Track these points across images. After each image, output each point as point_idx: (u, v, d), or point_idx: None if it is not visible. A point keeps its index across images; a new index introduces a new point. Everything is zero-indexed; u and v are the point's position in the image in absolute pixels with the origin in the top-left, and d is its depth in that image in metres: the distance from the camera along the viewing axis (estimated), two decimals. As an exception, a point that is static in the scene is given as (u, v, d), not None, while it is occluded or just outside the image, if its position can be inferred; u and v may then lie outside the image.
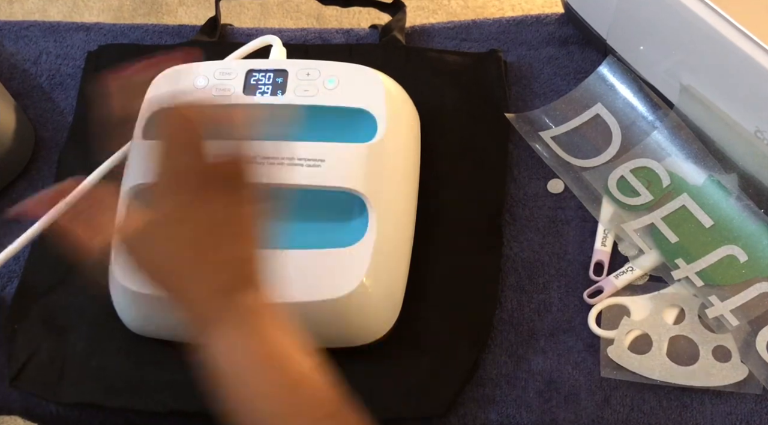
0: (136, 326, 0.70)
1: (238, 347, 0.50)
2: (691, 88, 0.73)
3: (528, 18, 0.86)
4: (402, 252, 0.70)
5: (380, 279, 0.66)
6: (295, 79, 0.71)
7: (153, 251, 0.53)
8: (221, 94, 0.72)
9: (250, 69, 0.73)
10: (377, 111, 0.70)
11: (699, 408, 0.67)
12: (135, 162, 0.71)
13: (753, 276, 0.70)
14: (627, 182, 0.76)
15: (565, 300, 0.72)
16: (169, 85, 0.73)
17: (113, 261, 0.67)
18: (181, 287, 0.52)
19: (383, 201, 0.67)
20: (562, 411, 0.68)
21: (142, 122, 0.71)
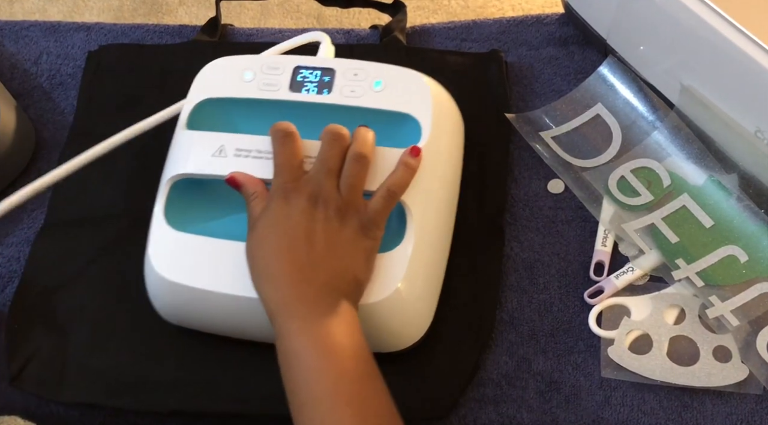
0: (171, 316, 0.70)
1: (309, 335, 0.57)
2: (692, 89, 0.73)
3: (528, 18, 0.86)
4: (439, 259, 0.69)
5: (416, 286, 0.65)
6: (342, 79, 0.71)
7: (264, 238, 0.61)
8: (267, 89, 0.71)
9: (297, 65, 0.72)
10: (422, 117, 0.69)
11: (699, 408, 0.68)
12: (177, 152, 0.71)
13: (753, 276, 0.70)
14: (627, 182, 0.76)
15: (565, 300, 0.72)
16: (217, 75, 0.73)
17: (150, 249, 0.68)
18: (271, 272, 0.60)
19: (423, 208, 0.66)
20: (562, 411, 0.68)
21: (187, 112, 0.72)
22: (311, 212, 0.61)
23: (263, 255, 0.61)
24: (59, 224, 0.78)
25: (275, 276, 0.60)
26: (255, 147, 0.67)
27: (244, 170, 0.66)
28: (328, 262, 0.60)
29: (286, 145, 0.65)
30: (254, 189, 0.64)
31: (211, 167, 0.68)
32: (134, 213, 0.78)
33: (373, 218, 0.63)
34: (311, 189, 0.62)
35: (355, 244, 0.62)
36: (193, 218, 0.69)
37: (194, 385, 0.69)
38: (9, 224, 0.80)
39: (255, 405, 0.68)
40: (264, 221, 0.62)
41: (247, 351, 0.70)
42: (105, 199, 0.79)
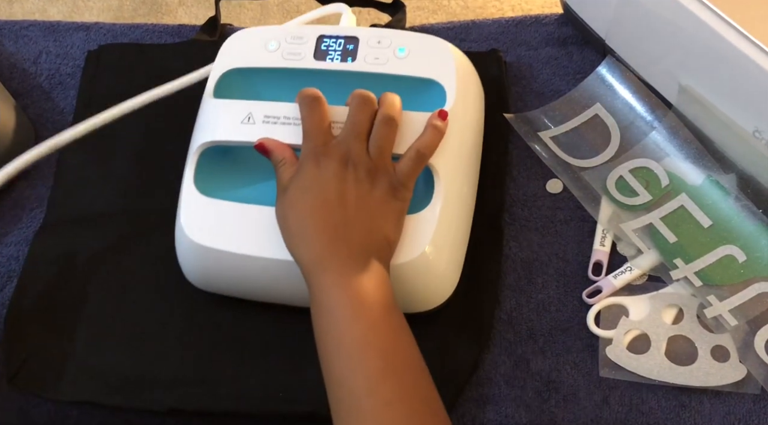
0: (200, 281, 0.71)
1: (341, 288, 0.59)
2: (690, 89, 0.73)
3: (527, 18, 0.87)
4: (464, 222, 0.71)
5: (443, 247, 0.67)
6: (365, 47, 0.72)
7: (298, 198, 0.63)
8: (292, 58, 0.72)
9: (321, 35, 0.73)
10: (446, 82, 0.70)
11: (697, 407, 0.68)
12: (205, 120, 0.72)
13: (751, 276, 0.70)
14: (626, 182, 0.76)
15: (563, 300, 0.73)
16: (241, 45, 0.74)
17: (181, 214, 0.69)
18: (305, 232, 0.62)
19: (449, 170, 0.67)
20: (560, 410, 0.68)
21: (213, 80, 0.73)
22: (342, 174, 0.63)
23: (296, 217, 0.62)
24: (58, 223, 0.78)
25: (309, 236, 0.61)
26: (283, 114, 0.68)
27: (273, 137, 0.67)
28: (360, 222, 0.62)
29: (315, 110, 0.66)
30: (283, 155, 0.66)
31: (240, 134, 0.69)
32: (133, 212, 0.78)
33: (402, 179, 0.64)
34: (341, 152, 0.64)
35: (386, 205, 0.63)
36: (222, 184, 0.71)
37: (192, 384, 0.69)
38: (8, 223, 0.80)
39: (253, 403, 0.68)
40: (296, 185, 0.63)
41: (245, 350, 0.71)
42: (104, 198, 0.79)
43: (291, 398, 0.68)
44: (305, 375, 0.68)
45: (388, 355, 0.57)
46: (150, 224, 0.77)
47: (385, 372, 0.56)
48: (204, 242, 0.67)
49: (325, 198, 0.62)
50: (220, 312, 0.72)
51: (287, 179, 0.64)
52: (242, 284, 0.69)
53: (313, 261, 0.60)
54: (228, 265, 0.67)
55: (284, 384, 0.69)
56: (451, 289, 0.69)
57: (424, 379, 0.58)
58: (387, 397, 0.55)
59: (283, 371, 0.69)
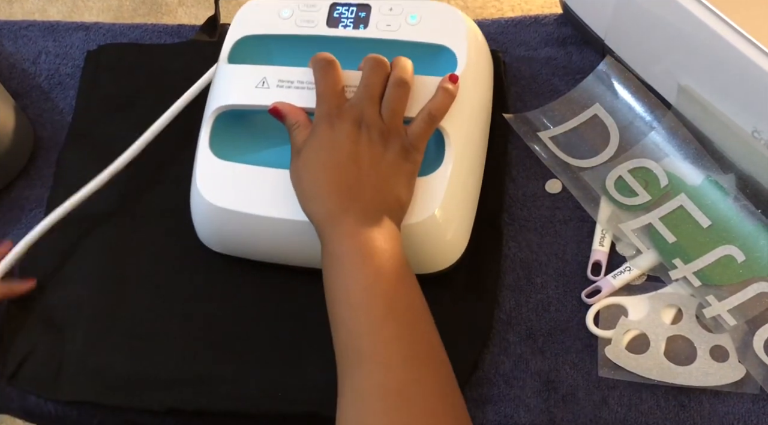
0: (215, 242, 0.73)
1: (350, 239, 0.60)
2: (689, 89, 0.73)
3: (526, 19, 0.87)
4: (474, 185, 0.72)
5: (453, 209, 0.68)
6: (377, 14, 0.73)
7: (311, 158, 0.64)
8: (305, 25, 0.73)
9: (333, 2, 0.74)
10: (458, 48, 0.71)
11: (696, 407, 0.68)
12: (220, 85, 0.73)
13: (750, 276, 0.70)
14: (625, 182, 0.76)
15: (563, 300, 0.73)
16: (255, 13, 0.76)
17: (197, 177, 0.70)
18: (318, 189, 0.63)
19: (460, 134, 0.68)
20: (560, 410, 0.68)
21: (228, 46, 0.75)
22: (356, 135, 0.64)
23: (310, 176, 0.64)
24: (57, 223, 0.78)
25: (323, 193, 0.63)
26: (297, 78, 0.70)
27: (287, 100, 0.69)
28: (373, 182, 0.63)
29: (328, 73, 0.67)
30: (297, 119, 0.67)
31: (255, 98, 0.70)
32: (132, 212, 0.78)
33: (413, 141, 0.65)
34: (355, 114, 0.65)
35: (398, 166, 0.65)
36: (237, 148, 0.72)
37: (191, 383, 0.69)
38: (7, 223, 0.80)
39: (253, 403, 0.68)
40: (310, 146, 0.65)
41: (244, 350, 0.71)
42: (102, 198, 0.79)
43: (290, 398, 0.68)
44: (305, 376, 0.68)
45: (392, 300, 0.58)
46: (150, 224, 0.77)
47: (386, 315, 0.57)
48: (219, 203, 0.69)
49: (339, 158, 0.63)
50: (219, 312, 0.72)
51: (301, 141, 0.66)
52: (257, 245, 0.71)
53: (326, 216, 0.62)
54: (243, 226, 0.69)
55: (283, 384, 0.69)
56: (460, 251, 0.71)
57: (426, 323, 0.59)
58: (386, 337, 0.56)
59: (283, 371, 0.69)
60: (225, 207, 0.69)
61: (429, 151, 0.68)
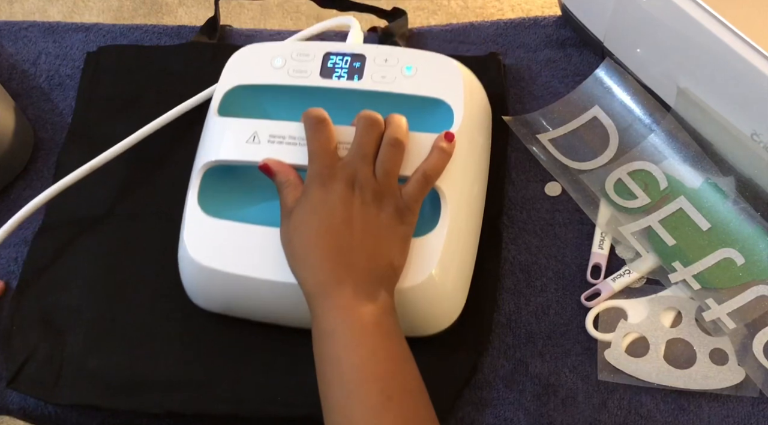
0: (204, 302, 0.71)
1: (343, 312, 0.58)
2: (688, 91, 0.73)
3: (525, 20, 0.87)
4: (471, 244, 0.70)
5: (449, 271, 0.66)
6: (372, 65, 0.71)
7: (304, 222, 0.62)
8: (298, 75, 0.71)
9: (327, 52, 0.72)
10: (454, 102, 0.69)
11: (696, 411, 0.68)
12: (210, 139, 0.71)
13: (750, 279, 0.70)
14: (624, 185, 0.76)
15: (562, 303, 0.73)
16: (247, 62, 0.74)
17: (185, 235, 0.68)
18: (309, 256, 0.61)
19: (457, 193, 0.67)
20: (559, 414, 0.68)
21: (218, 98, 0.72)
22: (349, 197, 0.62)
23: (301, 240, 0.62)
24: (57, 224, 0.78)
25: (314, 260, 0.61)
26: (288, 133, 0.68)
27: (278, 157, 0.67)
28: (366, 247, 0.61)
29: (320, 131, 0.65)
30: (287, 177, 0.65)
31: (245, 154, 0.68)
32: (131, 214, 0.78)
33: (408, 203, 0.64)
34: (348, 174, 0.63)
35: (392, 230, 0.63)
36: (226, 204, 0.70)
37: (191, 386, 0.69)
38: (7, 225, 0.80)
39: (251, 406, 0.68)
40: (302, 208, 0.63)
41: (243, 353, 0.71)
42: (102, 200, 0.79)
43: (289, 401, 0.68)
44: (304, 379, 0.68)
45: (388, 386, 0.56)
46: (149, 226, 0.77)
47: (383, 403, 0.55)
48: (208, 263, 0.67)
49: (331, 222, 0.61)
50: (218, 315, 0.72)
51: (291, 201, 0.64)
52: (246, 306, 0.69)
53: (317, 286, 0.60)
54: (232, 286, 0.67)
55: (282, 387, 0.69)
56: (456, 313, 0.69)
57: (425, 409, 0.57)
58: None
59: (282, 374, 0.69)
60: (214, 268, 0.66)
61: (424, 210, 0.66)
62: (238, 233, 0.67)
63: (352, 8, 0.88)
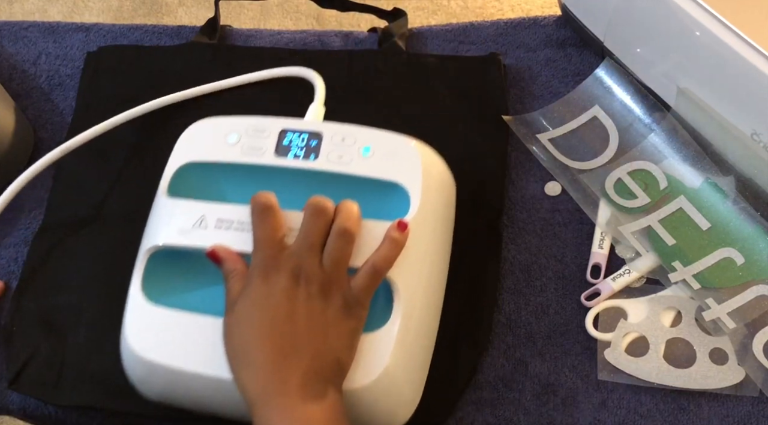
0: (150, 393, 0.66)
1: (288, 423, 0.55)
2: (688, 91, 0.73)
3: (525, 20, 0.87)
4: (427, 339, 0.66)
5: (403, 368, 0.62)
6: (329, 144, 0.67)
7: (243, 321, 0.59)
8: (252, 153, 0.68)
9: (284, 129, 0.69)
10: (411, 186, 0.65)
11: (696, 410, 0.68)
12: (157, 221, 0.68)
13: (750, 279, 0.70)
14: (624, 185, 0.76)
15: (562, 303, 0.73)
16: (200, 137, 0.71)
17: (126, 324, 0.65)
18: (249, 358, 0.57)
19: (410, 285, 0.63)
20: (559, 414, 0.68)
21: (168, 176, 0.69)
22: (293, 290, 0.59)
23: (241, 339, 0.58)
24: (57, 225, 0.78)
25: (254, 362, 0.57)
26: (237, 218, 0.65)
27: (226, 242, 0.63)
28: (311, 344, 0.57)
29: (266, 219, 0.62)
30: (234, 266, 0.62)
31: (191, 239, 0.65)
32: (132, 214, 0.78)
33: (357, 296, 0.60)
34: (293, 266, 0.59)
35: (339, 324, 0.59)
36: (173, 291, 0.67)
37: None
38: (7, 224, 0.80)
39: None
40: (243, 302, 0.59)
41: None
42: (103, 200, 0.79)
43: None
44: None
45: None
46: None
47: None
48: (151, 356, 0.63)
49: (273, 318, 0.58)
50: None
51: (236, 293, 0.60)
52: (193, 401, 0.65)
53: (257, 392, 0.56)
54: (177, 382, 0.63)
55: None
56: (409, 413, 0.65)
57: None
58: None
59: None
60: (158, 361, 0.62)
61: (377, 303, 0.62)
62: (183, 323, 0.63)
63: (352, 8, 0.88)
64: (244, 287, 0.60)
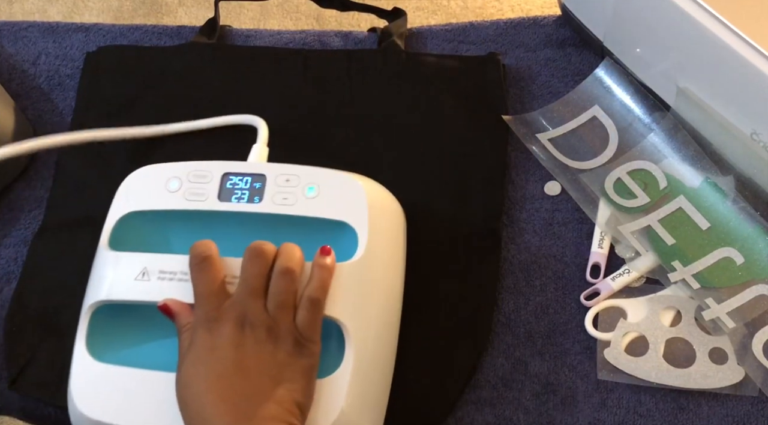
0: None
1: None
2: (688, 91, 0.73)
3: (525, 20, 0.87)
4: (383, 379, 0.65)
5: (359, 409, 0.61)
6: (273, 185, 0.67)
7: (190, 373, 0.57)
8: (195, 199, 0.67)
9: (226, 172, 0.68)
10: (358, 225, 0.65)
11: (695, 410, 0.68)
12: (98, 275, 0.66)
13: (749, 278, 0.70)
14: (624, 184, 0.76)
15: (562, 303, 0.73)
16: (141, 186, 0.69)
17: (71, 383, 0.63)
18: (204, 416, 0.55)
19: (362, 326, 0.62)
20: (558, 413, 0.68)
21: (109, 227, 0.68)
22: (239, 338, 0.58)
23: (193, 396, 0.56)
24: (57, 225, 0.78)
25: (208, 418, 0.55)
26: (180, 268, 0.63)
27: (169, 294, 0.62)
28: (266, 391, 0.56)
29: (204, 270, 0.61)
30: (188, 320, 0.60)
31: (134, 293, 0.63)
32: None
33: (304, 333, 0.59)
34: (236, 314, 0.58)
35: (292, 365, 0.58)
36: (119, 346, 0.65)
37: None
38: (7, 224, 0.80)
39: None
40: (189, 358, 0.58)
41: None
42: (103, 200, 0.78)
43: None
44: None
45: None
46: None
47: None
48: (99, 416, 0.61)
49: (222, 370, 0.56)
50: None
51: (186, 347, 0.59)
52: None
53: None
54: None
55: None
56: None
57: None
58: None
59: None
60: (105, 422, 0.60)
61: (329, 346, 0.62)
62: (131, 380, 0.61)
63: (351, 8, 0.88)
64: (190, 343, 0.58)
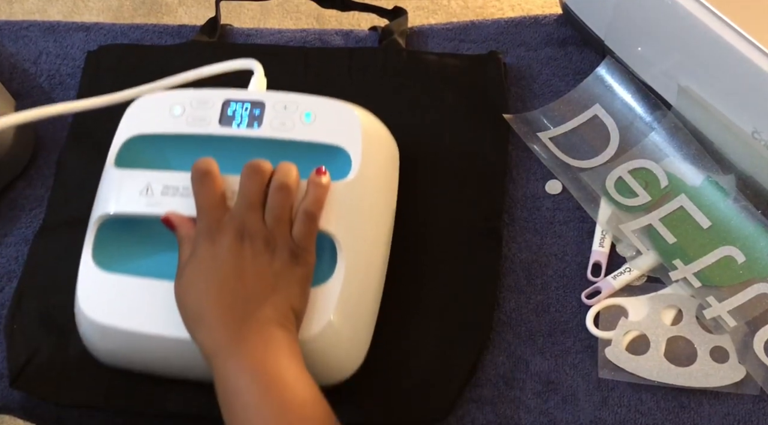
0: (107, 359, 0.69)
1: (246, 371, 0.57)
2: (689, 90, 0.73)
3: (526, 19, 0.87)
4: (373, 291, 0.68)
5: (348, 319, 0.65)
6: (272, 111, 0.70)
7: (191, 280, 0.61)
8: (197, 123, 0.70)
9: (227, 99, 0.71)
10: (352, 149, 0.68)
11: (697, 408, 0.68)
12: (105, 191, 0.70)
13: (750, 277, 0.70)
14: (625, 183, 0.76)
15: (563, 301, 0.73)
16: (146, 111, 0.72)
17: (79, 292, 0.67)
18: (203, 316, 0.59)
19: (354, 241, 0.65)
20: (560, 411, 0.68)
21: (115, 149, 0.71)
22: (238, 248, 0.61)
23: (193, 300, 0.60)
24: (58, 223, 0.78)
25: (208, 320, 0.59)
26: (182, 184, 0.67)
27: (173, 208, 0.66)
28: (263, 296, 0.60)
29: (205, 185, 0.64)
30: (188, 232, 0.64)
31: (138, 206, 0.67)
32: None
33: (300, 243, 0.62)
34: (235, 225, 0.62)
35: (288, 274, 0.61)
36: (123, 257, 0.68)
37: (193, 387, 0.69)
38: (7, 223, 0.80)
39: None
40: (192, 265, 0.61)
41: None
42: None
43: None
44: None
45: None
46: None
47: None
48: (105, 320, 0.65)
49: (223, 277, 0.60)
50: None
51: (186, 257, 0.62)
52: (150, 363, 0.67)
53: (215, 348, 0.58)
54: (132, 345, 0.65)
55: None
56: (358, 362, 0.67)
57: None
58: None
59: None
60: (111, 325, 0.65)
61: (322, 259, 0.65)
62: (135, 287, 0.65)
63: (352, 8, 0.88)
64: (192, 252, 0.62)
